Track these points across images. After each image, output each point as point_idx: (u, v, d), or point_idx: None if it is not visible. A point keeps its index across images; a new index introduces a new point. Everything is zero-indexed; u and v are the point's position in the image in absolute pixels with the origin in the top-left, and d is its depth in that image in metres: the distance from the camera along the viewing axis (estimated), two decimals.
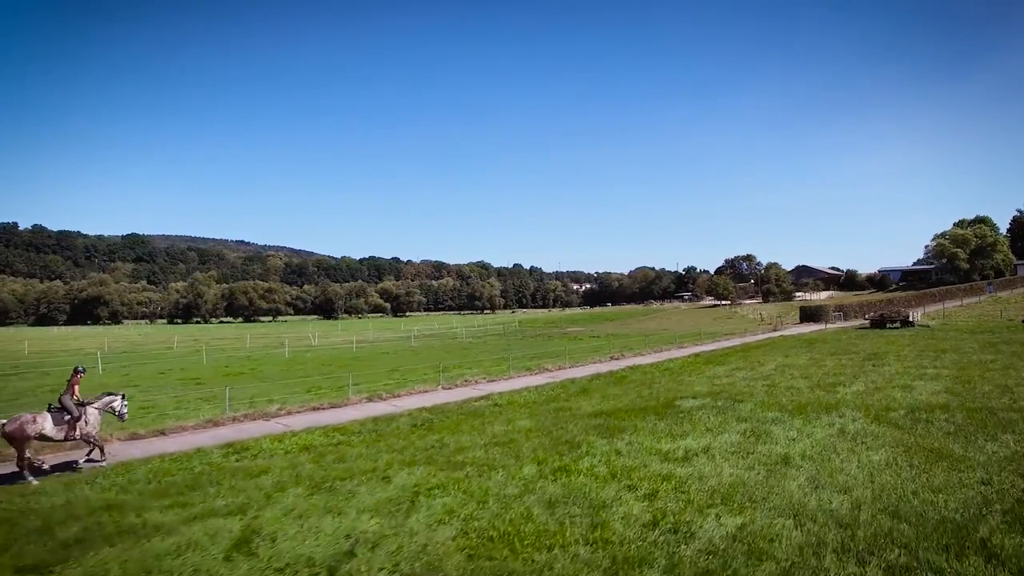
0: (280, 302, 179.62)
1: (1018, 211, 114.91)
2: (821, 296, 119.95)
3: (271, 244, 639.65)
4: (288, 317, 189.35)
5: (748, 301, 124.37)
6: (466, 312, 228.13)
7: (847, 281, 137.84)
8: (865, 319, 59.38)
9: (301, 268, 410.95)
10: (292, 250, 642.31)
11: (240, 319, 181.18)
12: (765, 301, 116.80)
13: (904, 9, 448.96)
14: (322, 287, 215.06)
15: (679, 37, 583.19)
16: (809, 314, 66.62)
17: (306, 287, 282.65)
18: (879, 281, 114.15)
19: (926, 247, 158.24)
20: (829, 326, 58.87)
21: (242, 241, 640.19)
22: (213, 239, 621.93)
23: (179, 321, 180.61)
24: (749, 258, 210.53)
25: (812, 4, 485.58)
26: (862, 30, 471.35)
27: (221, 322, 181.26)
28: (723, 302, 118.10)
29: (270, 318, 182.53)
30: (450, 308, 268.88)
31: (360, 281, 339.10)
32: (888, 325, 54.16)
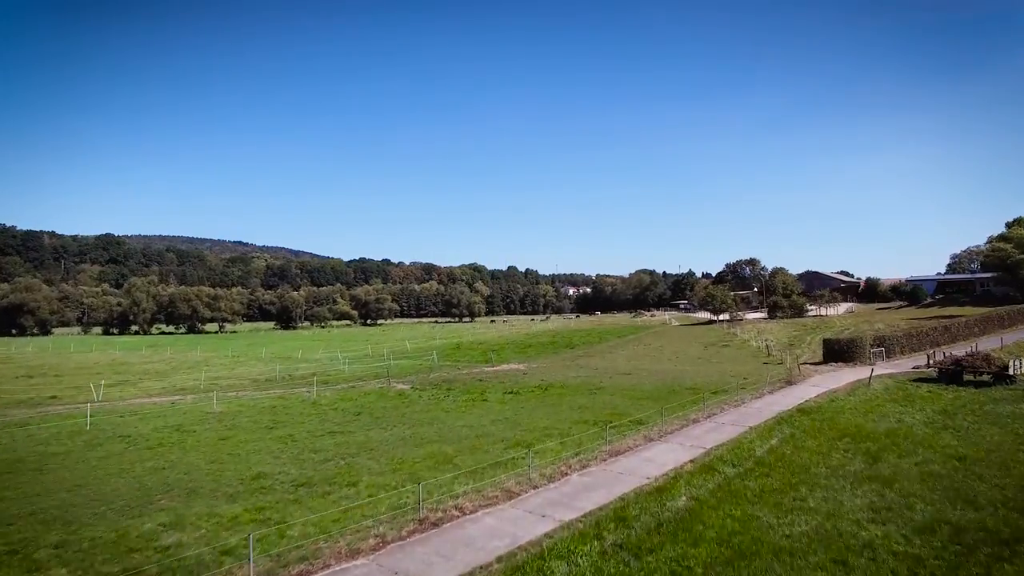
0: (227, 311, 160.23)
1: None
2: (839, 310, 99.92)
3: (268, 245, 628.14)
4: (239, 326, 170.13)
5: (751, 315, 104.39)
6: (443, 320, 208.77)
7: (867, 291, 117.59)
8: (931, 366, 39.53)
9: (283, 270, 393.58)
10: (289, 251, 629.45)
11: (183, 328, 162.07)
12: (771, 316, 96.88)
13: (905, 10, 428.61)
14: (280, 293, 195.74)
15: (681, 37, 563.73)
16: (837, 349, 46.54)
17: (275, 291, 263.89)
18: (910, 293, 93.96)
19: (974, 251, 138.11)
20: (874, 373, 39.08)
21: (240, 242, 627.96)
22: (210, 240, 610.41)
23: (115, 331, 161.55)
24: (752, 262, 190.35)
25: (815, 4, 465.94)
26: (863, 33, 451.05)
27: (161, 332, 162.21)
28: (720, 317, 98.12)
29: (217, 327, 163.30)
30: (432, 314, 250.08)
31: (339, 285, 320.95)
32: (968, 376, 34.52)
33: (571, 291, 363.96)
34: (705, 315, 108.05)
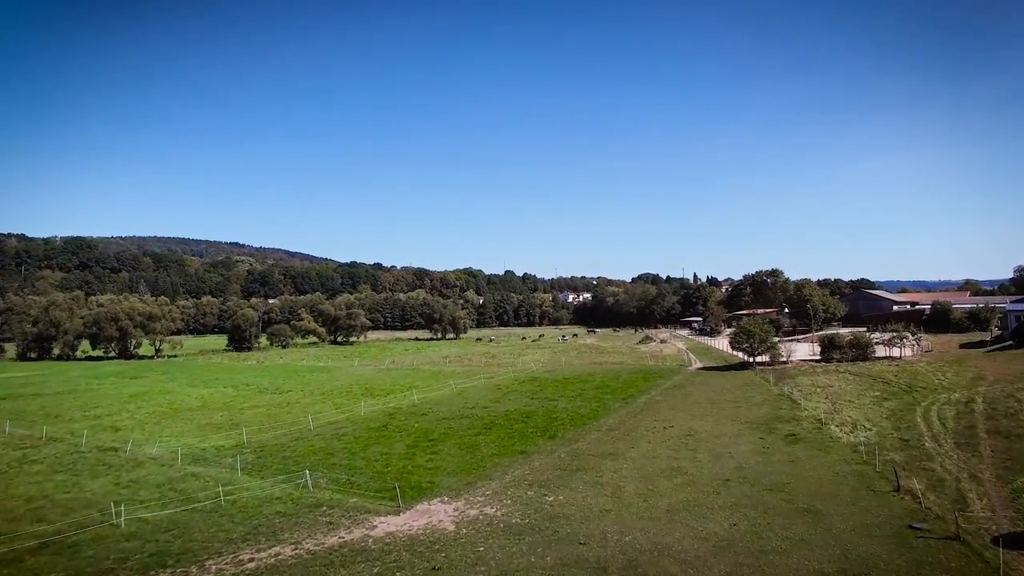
0: (164, 331, 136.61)
1: None
2: (915, 350, 75.62)
3: (264, 247, 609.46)
4: (181, 348, 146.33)
5: (796, 351, 79.14)
6: (424, 337, 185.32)
7: (936, 319, 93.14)
8: None
9: (265, 276, 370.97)
10: (285, 252, 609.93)
11: (114, 352, 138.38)
12: (825, 359, 73.03)
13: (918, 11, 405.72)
14: (233, 308, 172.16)
15: (683, 37, 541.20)
16: None
17: (249, 302, 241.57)
18: (1019, 330, 69.73)
19: None
20: None
21: (235, 243, 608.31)
22: (205, 241, 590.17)
23: (32, 356, 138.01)
24: (775, 273, 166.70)
25: (831, 4, 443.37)
26: (870, 33, 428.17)
27: (87, 356, 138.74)
28: (759, 360, 73.98)
29: (154, 350, 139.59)
30: (419, 325, 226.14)
31: (317, 294, 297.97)
32: None
33: (570, 297, 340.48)
34: (725, 344, 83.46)
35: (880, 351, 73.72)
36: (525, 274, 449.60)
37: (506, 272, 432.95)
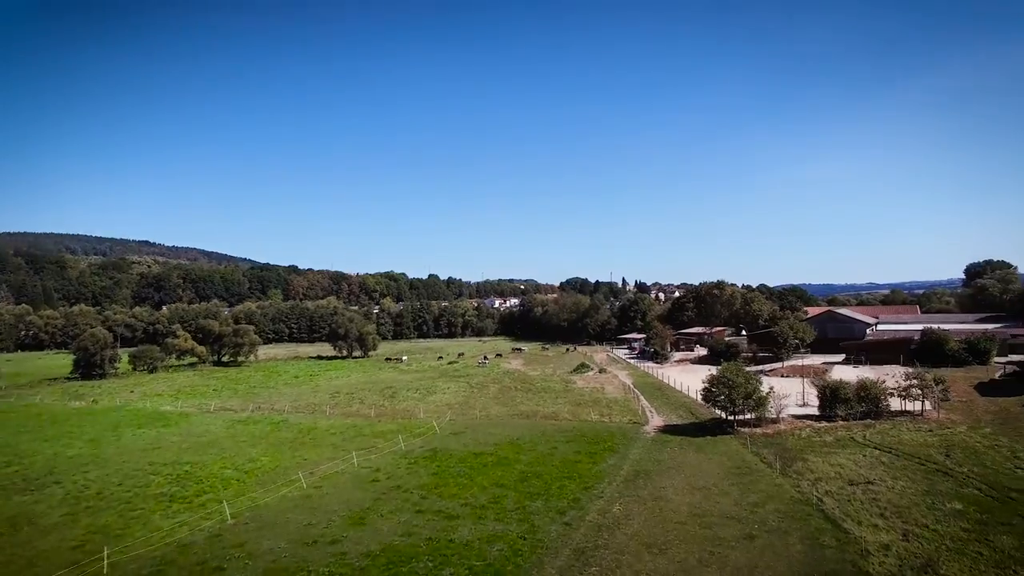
0: None
1: None
2: (934, 405, 58.16)
3: (181, 245, 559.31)
4: (26, 366, 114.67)
5: (783, 398, 59.89)
6: (328, 355, 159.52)
7: (928, 348, 76.89)
8: None
9: (161, 280, 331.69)
10: (203, 252, 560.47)
11: None
12: (827, 416, 54.63)
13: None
14: (83, 325, 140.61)
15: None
16: None
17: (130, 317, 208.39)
18: None
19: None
20: None
21: (146, 241, 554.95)
22: (111, 239, 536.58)
23: None
24: (720, 286, 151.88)
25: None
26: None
27: None
28: (737, 415, 54.52)
29: None
30: (327, 337, 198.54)
31: (215, 301, 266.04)
32: None
33: (496, 303, 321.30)
34: (678, 376, 62.48)
35: (893, 401, 56.15)
36: (450, 278, 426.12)
37: (430, 276, 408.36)
